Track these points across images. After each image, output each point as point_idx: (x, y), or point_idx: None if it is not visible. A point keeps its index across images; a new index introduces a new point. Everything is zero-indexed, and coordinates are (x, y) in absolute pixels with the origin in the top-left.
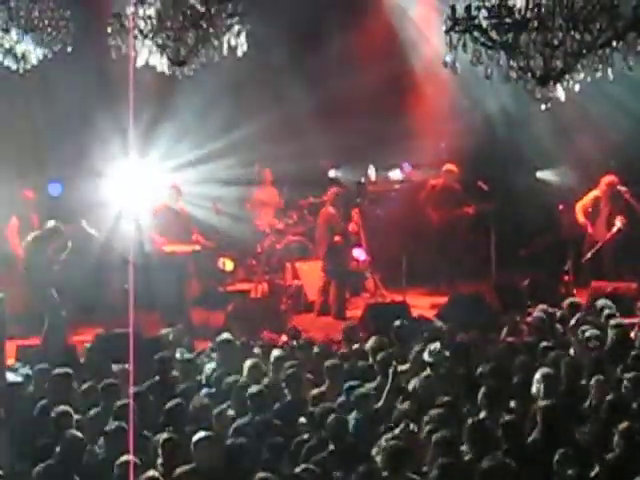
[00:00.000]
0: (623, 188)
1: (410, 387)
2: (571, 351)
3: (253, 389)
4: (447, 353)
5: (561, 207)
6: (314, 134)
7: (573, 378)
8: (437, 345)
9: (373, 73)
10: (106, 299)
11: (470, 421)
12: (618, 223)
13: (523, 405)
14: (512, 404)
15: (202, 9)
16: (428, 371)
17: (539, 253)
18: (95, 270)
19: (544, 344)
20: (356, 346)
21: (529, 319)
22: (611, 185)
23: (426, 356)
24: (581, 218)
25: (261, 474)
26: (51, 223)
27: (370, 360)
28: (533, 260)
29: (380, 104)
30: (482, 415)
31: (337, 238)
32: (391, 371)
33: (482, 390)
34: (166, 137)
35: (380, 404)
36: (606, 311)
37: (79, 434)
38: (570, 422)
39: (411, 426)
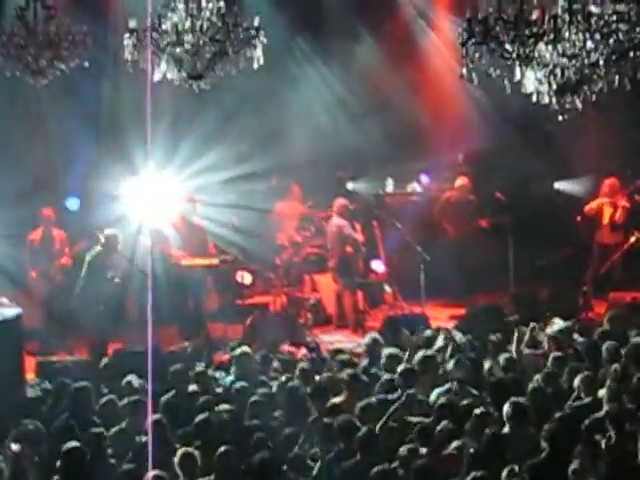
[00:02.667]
0: (625, 190)
1: (432, 398)
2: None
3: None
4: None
5: (579, 218)
6: (332, 146)
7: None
8: (461, 357)
9: (391, 84)
10: (125, 314)
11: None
12: (637, 233)
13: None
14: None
15: (219, 23)
16: (450, 383)
17: (557, 264)
18: (113, 284)
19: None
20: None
21: (548, 330)
22: (612, 187)
23: (450, 368)
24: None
25: None
26: (109, 231)
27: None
28: (551, 271)
29: (398, 116)
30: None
31: (348, 249)
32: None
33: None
34: (183, 150)
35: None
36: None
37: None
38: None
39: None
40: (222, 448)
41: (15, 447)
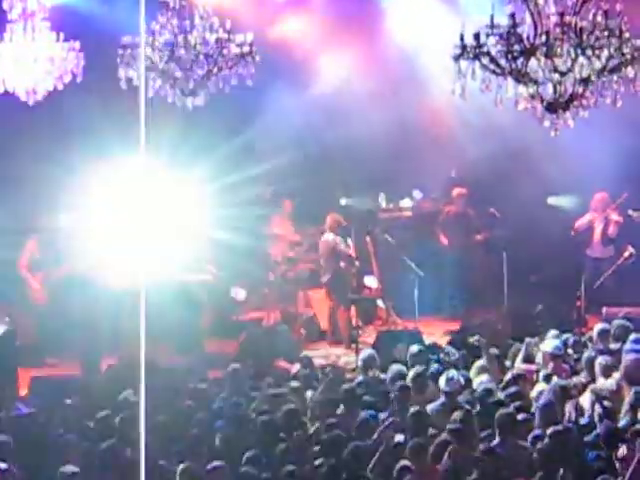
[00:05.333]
0: (614, 205)
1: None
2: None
3: (266, 417)
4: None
5: (573, 233)
6: (327, 163)
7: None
8: (454, 373)
9: (384, 102)
10: (119, 329)
11: (482, 447)
12: (630, 248)
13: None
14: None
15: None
16: (443, 399)
17: (551, 279)
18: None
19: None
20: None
21: (543, 346)
22: (603, 201)
23: (442, 384)
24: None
25: None
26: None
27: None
28: (545, 286)
29: (391, 131)
30: (495, 442)
31: (342, 264)
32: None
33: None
34: (180, 167)
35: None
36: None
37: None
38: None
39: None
40: (214, 463)
41: (2, 465)
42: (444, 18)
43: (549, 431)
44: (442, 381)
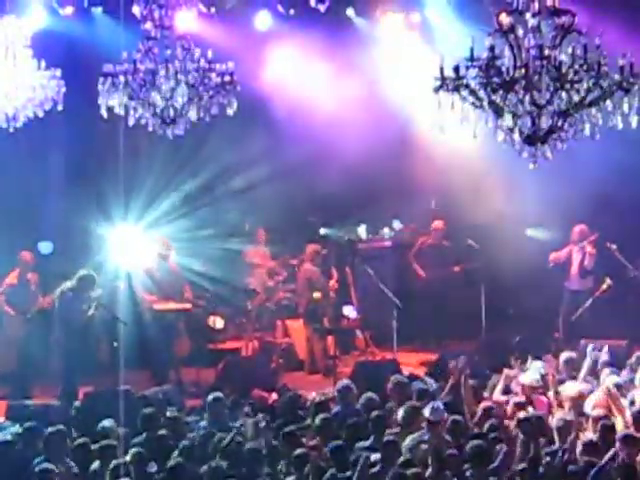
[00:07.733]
0: (592, 237)
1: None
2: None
3: (245, 446)
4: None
5: (550, 264)
6: (306, 191)
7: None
8: (439, 404)
9: (365, 130)
10: (96, 357)
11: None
12: (608, 280)
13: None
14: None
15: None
16: (426, 429)
17: (529, 311)
18: (85, 328)
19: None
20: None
21: (521, 377)
22: (581, 234)
23: (427, 413)
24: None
25: None
26: (82, 272)
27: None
28: (523, 318)
29: (371, 162)
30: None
31: (317, 294)
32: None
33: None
34: (157, 194)
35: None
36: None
37: None
38: None
39: None
40: None
41: None
42: (423, 50)
43: (526, 463)
44: (427, 411)
